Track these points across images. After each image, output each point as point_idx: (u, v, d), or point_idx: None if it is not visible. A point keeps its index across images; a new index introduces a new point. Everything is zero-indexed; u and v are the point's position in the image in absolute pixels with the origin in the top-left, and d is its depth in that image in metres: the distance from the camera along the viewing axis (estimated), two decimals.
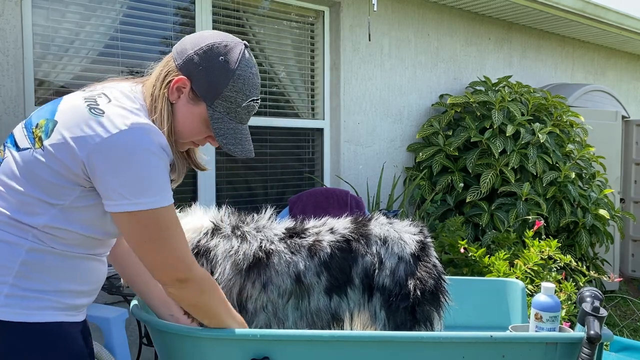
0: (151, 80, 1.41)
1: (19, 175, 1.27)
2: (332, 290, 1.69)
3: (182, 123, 1.40)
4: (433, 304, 1.73)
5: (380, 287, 1.71)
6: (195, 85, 1.37)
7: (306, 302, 1.67)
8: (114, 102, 1.30)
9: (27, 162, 1.27)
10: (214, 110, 1.39)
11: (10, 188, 1.28)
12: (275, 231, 1.72)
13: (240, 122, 1.44)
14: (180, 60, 1.38)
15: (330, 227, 1.77)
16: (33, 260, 1.27)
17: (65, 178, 1.26)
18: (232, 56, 1.39)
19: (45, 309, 1.29)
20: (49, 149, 1.25)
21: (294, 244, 1.70)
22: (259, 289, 1.63)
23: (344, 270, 1.70)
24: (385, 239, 1.75)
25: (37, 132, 1.29)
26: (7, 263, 1.26)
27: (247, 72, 1.40)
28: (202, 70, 1.37)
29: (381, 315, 1.70)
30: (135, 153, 1.23)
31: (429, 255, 1.78)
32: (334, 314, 1.70)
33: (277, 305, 1.65)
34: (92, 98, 1.31)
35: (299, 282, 1.66)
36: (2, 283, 1.25)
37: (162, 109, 1.37)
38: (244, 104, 1.42)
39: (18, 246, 1.26)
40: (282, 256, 1.66)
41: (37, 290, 1.28)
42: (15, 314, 1.25)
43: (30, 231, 1.27)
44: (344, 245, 1.72)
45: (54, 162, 1.25)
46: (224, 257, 1.64)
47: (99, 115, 1.25)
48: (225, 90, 1.38)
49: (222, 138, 1.41)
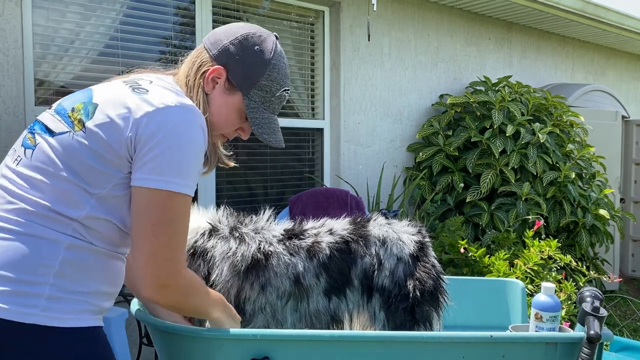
0: (183, 71, 1.41)
1: (56, 160, 1.21)
2: (331, 292, 1.69)
3: (216, 114, 1.40)
4: (432, 304, 1.73)
5: (380, 288, 1.71)
6: (231, 75, 1.38)
7: (305, 303, 1.67)
8: (156, 83, 1.30)
9: (66, 145, 1.22)
10: (250, 99, 1.40)
11: (48, 175, 1.21)
12: (274, 232, 1.72)
13: (273, 112, 1.46)
14: (215, 51, 1.39)
15: (329, 228, 1.76)
16: (72, 258, 1.21)
17: (107, 162, 1.21)
18: (267, 46, 1.41)
19: (82, 312, 1.23)
20: (93, 129, 1.21)
21: (292, 245, 1.69)
22: (258, 291, 1.63)
23: (343, 271, 1.70)
24: (384, 239, 1.75)
25: (76, 115, 1.25)
26: (48, 261, 1.18)
27: (281, 61, 1.43)
28: (238, 60, 1.38)
29: (380, 316, 1.70)
30: (182, 131, 1.21)
31: (427, 256, 1.78)
32: (333, 316, 1.70)
33: (275, 307, 1.64)
34: (132, 80, 1.31)
35: (297, 284, 1.65)
36: (42, 284, 1.18)
37: (199, 98, 1.36)
38: (278, 93, 1.44)
39: (58, 242, 1.20)
40: (281, 258, 1.65)
41: (74, 292, 1.22)
42: (56, 319, 1.18)
43: (71, 224, 1.21)
44: (343, 246, 1.72)
45: (97, 143, 1.21)
46: (222, 259, 1.64)
47: (143, 93, 1.24)
48: (262, 79, 1.40)
49: (258, 127, 1.42)
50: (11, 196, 1.22)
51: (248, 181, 4.13)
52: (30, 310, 1.16)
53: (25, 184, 1.22)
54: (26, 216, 1.20)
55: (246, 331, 1.46)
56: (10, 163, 1.28)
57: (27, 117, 3.04)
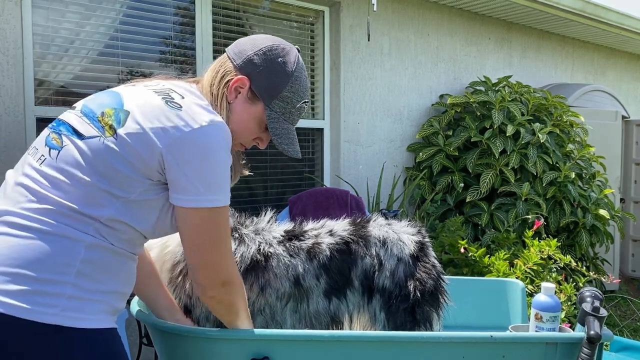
0: (207, 79, 1.44)
1: (84, 164, 1.22)
2: (331, 293, 1.68)
3: (237, 123, 1.42)
4: (432, 305, 1.72)
5: (380, 289, 1.70)
6: (255, 85, 1.41)
7: (305, 305, 1.66)
8: (188, 98, 1.32)
9: (96, 150, 1.23)
10: (271, 110, 1.43)
11: (74, 178, 1.22)
12: (274, 234, 1.71)
13: (292, 123, 1.49)
14: (239, 61, 1.42)
15: (329, 229, 1.76)
16: (93, 257, 1.22)
17: (137, 170, 1.23)
18: (290, 58, 1.45)
19: (100, 312, 1.24)
20: (124, 137, 1.23)
21: (292, 246, 1.69)
22: (257, 292, 1.62)
23: (344, 272, 1.69)
24: (384, 240, 1.75)
25: (106, 120, 1.25)
26: (69, 260, 1.19)
27: (302, 74, 1.47)
28: (262, 71, 1.41)
29: (381, 316, 1.70)
30: (216, 150, 1.25)
31: (427, 256, 1.78)
32: (333, 317, 1.69)
33: (275, 308, 1.64)
34: (165, 92, 1.32)
35: (297, 285, 1.65)
36: (64, 283, 1.18)
37: (223, 107, 1.40)
38: (298, 105, 1.47)
39: (79, 242, 1.21)
40: (280, 259, 1.65)
41: (95, 292, 1.23)
42: (77, 319, 1.19)
43: (93, 224, 1.22)
44: (343, 247, 1.71)
45: (128, 151, 1.22)
46: None
47: (177, 109, 1.26)
48: (284, 90, 1.43)
49: (277, 137, 1.45)
50: (33, 195, 1.22)
51: (248, 181, 4.13)
52: (51, 310, 1.16)
53: (48, 184, 1.23)
54: (48, 215, 1.20)
55: (246, 331, 1.46)
56: (33, 162, 1.27)
57: (27, 117, 3.04)
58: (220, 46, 3.85)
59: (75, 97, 3.26)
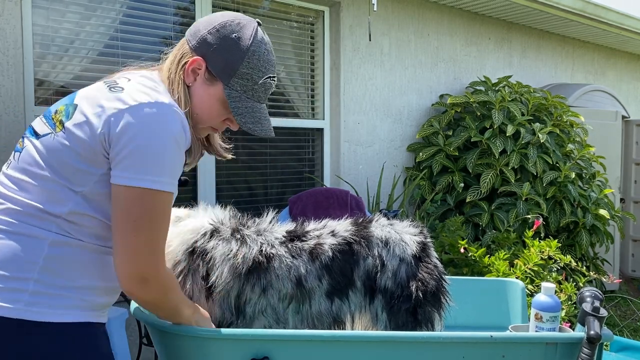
0: (166, 65, 1.42)
1: (40, 161, 1.26)
2: (333, 294, 1.68)
3: (199, 106, 1.39)
4: (434, 305, 1.72)
5: (383, 289, 1.70)
6: (211, 65, 1.37)
7: (307, 306, 1.66)
8: (134, 81, 1.31)
9: (48, 146, 1.26)
10: (230, 89, 1.39)
11: (33, 176, 1.26)
12: (276, 235, 1.70)
13: (258, 101, 1.44)
14: (194, 42, 1.38)
15: (331, 229, 1.75)
16: (56, 254, 1.24)
17: (86, 160, 1.24)
18: (246, 33, 1.39)
19: (71, 307, 1.25)
20: (71, 129, 1.25)
21: (295, 247, 1.68)
22: (259, 293, 1.62)
23: (346, 273, 1.69)
24: (386, 240, 1.74)
25: (57, 116, 1.29)
26: (32, 258, 1.22)
27: (261, 48, 1.40)
28: (216, 49, 1.36)
29: (383, 317, 1.69)
30: (155, 129, 1.22)
31: (429, 256, 1.78)
32: (335, 317, 1.68)
33: (277, 309, 1.63)
34: (111, 80, 1.33)
35: (299, 286, 1.64)
36: (26, 279, 1.21)
37: (180, 92, 1.36)
38: (261, 81, 1.41)
39: (41, 239, 1.23)
40: (282, 260, 1.64)
41: (61, 287, 1.24)
42: (40, 314, 1.21)
43: (55, 221, 1.24)
44: (346, 248, 1.70)
45: (76, 142, 1.24)
46: (222, 260, 1.63)
47: (119, 91, 1.26)
48: (241, 67, 1.37)
49: (240, 117, 1.40)
50: (3, 198, 1.28)
51: (248, 181, 4.13)
52: (14, 305, 1.20)
53: (14, 186, 1.27)
54: (13, 216, 1.25)
55: (246, 331, 1.46)
56: (4, 168, 1.34)
57: (27, 117, 3.04)
58: None
59: None
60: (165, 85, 1.37)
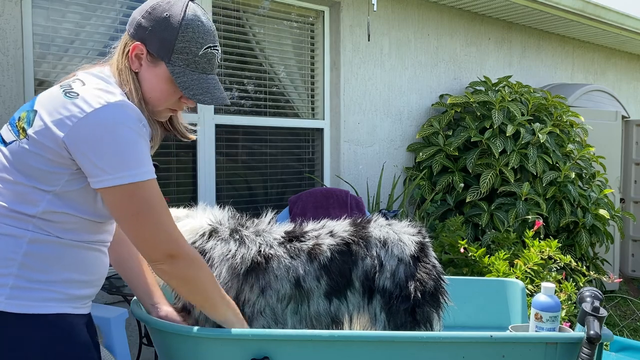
0: (114, 58, 1.46)
1: (9, 167, 1.32)
2: (331, 294, 1.68)
3: (150, 89, 1.43)
4: (433, 305, 1.72)
5: (381, 290, 1.70)
6: (150, 47, 1.41)
7: (305, 306, 1.66)
8: (88, 84, 1.35)
9: (15, 153, 1.32)
10: (173, 65, 1.41)
11: (5, 181, 1.32)
12: (275, 235, 1.71)
13: (204, 72, 1.46)
14: (131, 29, 1.44)
15: (330, 230, 1.75)
16: (35, 250, 1.31)
17: (53, 162, 1.29)
18: (176, 9, 1.42)
19: (49, 300, 1.32)
20: (34, 136, 1.30)
21: (293, 248, 1.68)
22: (257, 294, 1.62)
23: (344, 273, 1.69)
24: (385, 241, 1.74)
25: (20, 124, 1.34)
26: (11, 255, 1.29)
27: (194, 21, 1.42)
28: (151, 31, 1.41)
29: (381, 317, 1.69)
30: (112, 129, 1.27)
31: (428, 256, 1.78)
32: (333, 318, 1.69)
33: (275, 309, 1.64)
34: (67, 84, 1.37)
35: (298, 287, 1.65)
36: (7, 275, 1.29)
37: (129, 80, 1.41)
38: (201, 52, 1.43)
39: (20, 238, 1.30)
40: (281, 261, 1.64)
41: (41, 282, 1.31)
42: (20, 306, 1.29)
43: (31, 221, 1.31)
44: (344, 248, 1.71)
45: (39, 148, 1.29)
46: (221, 261, 1.63)
47: (74, 97, 1.30)
48: (177, 42, 1.40)
49: (188, 90, 1.43)
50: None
51: (248, 181, 4.13)
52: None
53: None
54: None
55: (246, 331, 1.46)
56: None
57: None
58: (220, 46, 3.84)
59: None
60: (116, 78, 1.42)
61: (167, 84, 1.43)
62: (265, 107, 4.15)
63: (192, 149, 3.75)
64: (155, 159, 1.86)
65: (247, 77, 4.05)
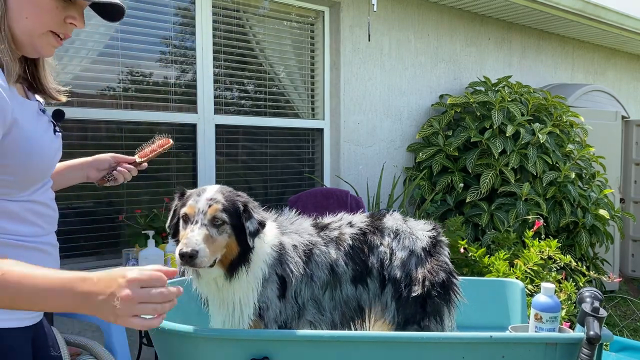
0: None
1: None
2: (356, 280, 1.77)
3: (26, 9, 1.20)
4: (443, 298, 1.76)
5: (392, 278, 1.77)
6: None
7: (339, 291, 1.74)
8: None
9: None
10: None
11: None
12: (304, 225, 1.80)
13: None
14: None
15: (349, 221, 1.86)
16: None
17: None
18: None
19: None
20: None
21: (325, 236, 1.78)
22: (305, 282, 1.69)
23: (364, 260, 1.78)
24: (397, 231, 1.83)
25: None
26: None
27: None
28: None
29: (392, 306, 1.76)
30: None
31: (440, 253, 1.85)
32: (359, 302, 1.77)
33: (318, 297, 1.72)
34: None
35: (333, 272, 1.73)
36: None
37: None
38: None
39: None
40: (320, 248, 1.73)
41: None
42: None
43: None
44: (362, 237, 1.81)
45: None
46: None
47: None
48: None
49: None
50: None
51: (248, 181, 4.13)
52: None
53: None
54: None
55: (246, 331, 1.46)
56: None
57: None
58: (220, 46, 3.85)
59: (75, 97, 3.26)
60: None
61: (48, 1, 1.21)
62: (265, 107, 4.15)
63: (192, 149, 3.76)
64: (155, 159, 1.86)
65: (247, 77, 4.05)
